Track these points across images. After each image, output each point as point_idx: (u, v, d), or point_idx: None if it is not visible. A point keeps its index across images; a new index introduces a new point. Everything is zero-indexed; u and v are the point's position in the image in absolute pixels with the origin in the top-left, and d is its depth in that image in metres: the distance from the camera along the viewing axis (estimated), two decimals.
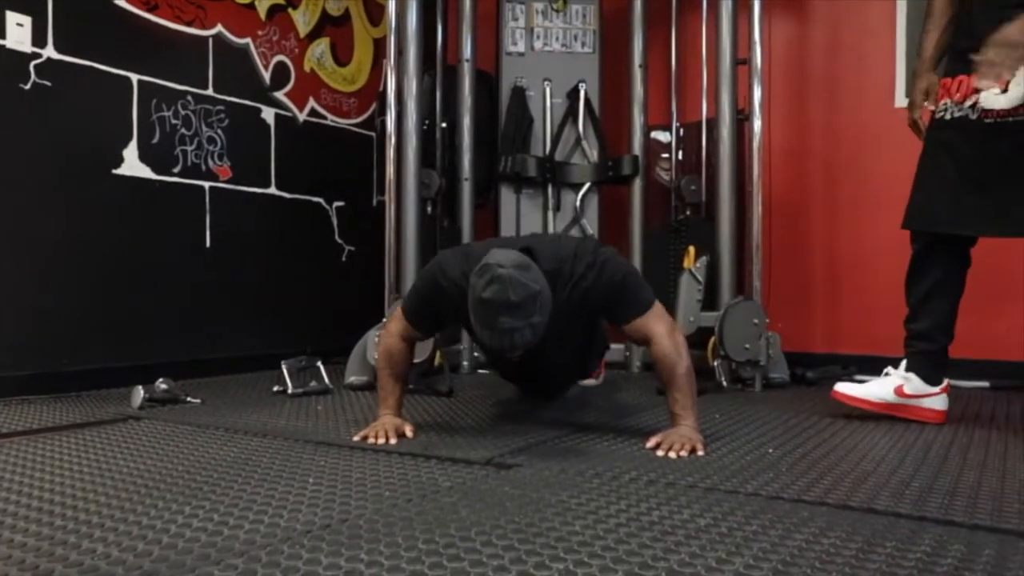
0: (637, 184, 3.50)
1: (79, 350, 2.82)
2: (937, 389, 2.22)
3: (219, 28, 3.31)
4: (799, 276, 3.59)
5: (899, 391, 2.21)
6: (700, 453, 1.79)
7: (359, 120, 4.00)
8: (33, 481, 1.57)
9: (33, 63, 2.69)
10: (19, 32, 2.65)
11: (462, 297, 1.81)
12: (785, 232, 3.59)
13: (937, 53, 2.25)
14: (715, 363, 2.88)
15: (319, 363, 2.81)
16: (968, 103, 2.06)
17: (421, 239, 3.19)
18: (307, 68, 3.72)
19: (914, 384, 2.21)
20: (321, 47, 3.80)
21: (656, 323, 1.92)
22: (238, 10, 3.40)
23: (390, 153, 3.19)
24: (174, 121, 3.13)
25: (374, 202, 4.01)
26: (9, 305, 2.64)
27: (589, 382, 2.85)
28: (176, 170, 3.14)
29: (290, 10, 3.64)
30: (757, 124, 3.02)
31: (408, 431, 1.99)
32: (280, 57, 3.59)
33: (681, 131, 3.60)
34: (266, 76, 3.52)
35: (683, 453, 1.78)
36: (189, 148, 3.19)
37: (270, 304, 3.54)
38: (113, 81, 2.93)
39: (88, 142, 2.86)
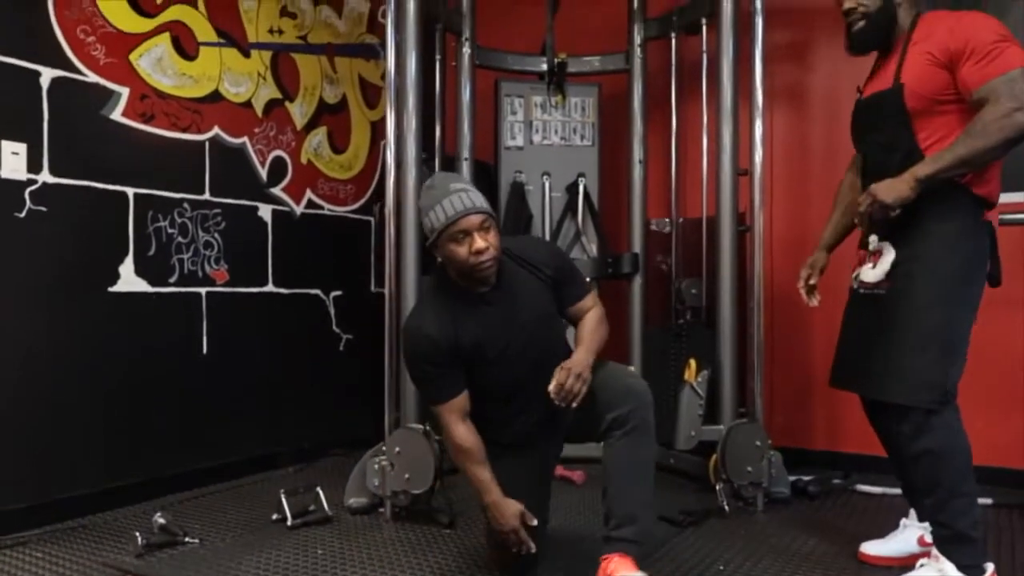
0: (637, 282, 3.49)
1: (76, 473, 2.79)
2: None
3: (216, 130, 3.28)
4: (800, 370, 3.58)
5: None
6: (584, 376, 1.96)
7: (356, 206, 3.97)
8: None
9: (28, 190, 2.66)
10: (14, 161, 2.62)
11: (438, 319, 2.04)
12: (786, 326, 3.57)
13: (832, 232, 2.48)
14: (718, 487, 2.86)
15: (318, 489, 2.78)
16: (855, 274, 2.26)
17: None
18: (304, 160, 3.70)
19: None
20: (318, 137, 3.77)
21: (593, 303, 2.24)
22: (235, 110, 3.37)
23: (390, 254, 3.08)
24: (170, 231, 3.10)
25: (372, 288, 3.98)
26: (4, 434, 2.61)
27: (575, 475, 2.82)
28: (172, 279, 3.11)
29: (287, 103, 3.61)
30: (758, 236, 3.00)
31: (529, 519, 2.06)
32: (277, 152, 3.56)
33: (681, 222, 3.58)
34: (263, 173, 3.50)
35: (573, 384, 1.94)
36: (186, 256, 3.16)
37: (268, 401, 3.51)
38: (109, 197, 2.90)
39: (83, 262, 2.83)
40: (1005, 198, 2.21)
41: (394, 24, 2.92)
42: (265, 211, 3.50)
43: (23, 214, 2.65)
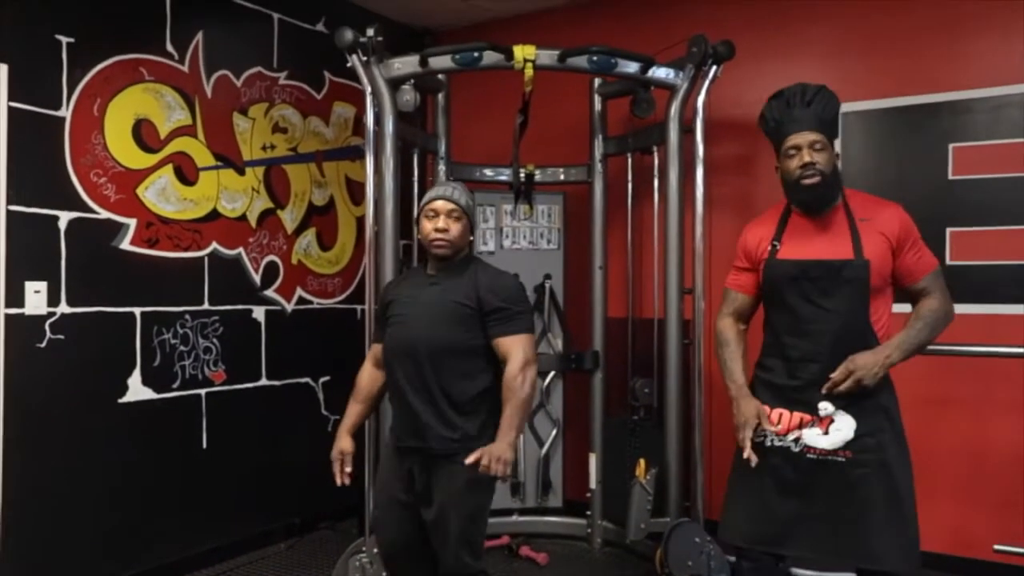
0: (598, 377, 3.84)
1: (90, 568, 3.13)
2: None
3: (214, 245, 3.62)
4: None
5: None
6: (503, 472, 2.09)
7: (343, 296, 4.31)
8: None
9: (48, 322, 3.00)
10: (36, 299, 2.96)
11: (396, 279, 2.57)
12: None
13: (746, 378, 2.36)
14: None
15: None
16: (791, 437, 2.21)
17: None
18: (295, 261, 4.03)
19: None
20: (308, 238, 4.11)
21: (520, 349, 2.21)
22: (231, 224, 3.70)
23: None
24: (173, 341, 3.45)
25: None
26: (32, 538, 2.95)
27: (539, 556, 3.09)
28: (175, 385, 3.45)
29: (279, 211, 3.95)
30: (699, 350, 3.35)
31: (347, 463, 2.45)
32: (270, 257, 3.90)
33: (635, 320, 3.94)
34: (257, 278, 3.83)
35: (496, 469, 2.08)
36: (187, 362, 3.50)
37: (263, 482, 3.85)
38: (119, 318, 3.24)
39: (96, 379, 3.17)
40: None
41: (373, 155, 3.28)
42: (259, 312, 3.84)
43: (43, 344, 2.99)
